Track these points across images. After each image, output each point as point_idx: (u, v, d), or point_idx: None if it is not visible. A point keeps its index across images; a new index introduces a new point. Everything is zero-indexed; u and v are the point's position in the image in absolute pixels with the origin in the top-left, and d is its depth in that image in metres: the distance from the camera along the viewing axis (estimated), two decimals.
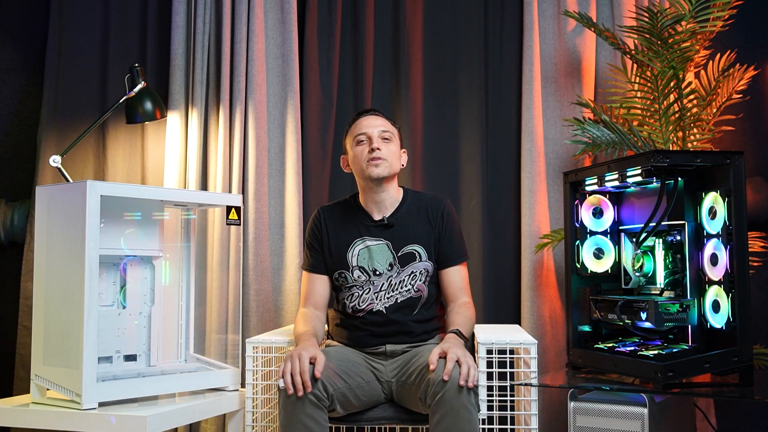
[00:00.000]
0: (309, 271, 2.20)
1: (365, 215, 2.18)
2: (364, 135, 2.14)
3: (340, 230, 2.17)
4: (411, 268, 2.13)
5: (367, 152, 2.11)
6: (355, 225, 2.17)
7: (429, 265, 2.15)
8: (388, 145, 2.14)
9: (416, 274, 2.13)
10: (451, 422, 1.77)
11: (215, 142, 2.80)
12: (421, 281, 2.13)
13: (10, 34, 3.12)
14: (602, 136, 2.52)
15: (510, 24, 2.89)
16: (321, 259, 2.19)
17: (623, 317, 1.97)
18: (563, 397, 2.28)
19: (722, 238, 1.86)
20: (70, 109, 2.93)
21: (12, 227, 2.96)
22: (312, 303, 2.18)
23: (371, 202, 2.18)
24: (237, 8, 2.80)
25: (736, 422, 2.70)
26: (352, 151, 2.17)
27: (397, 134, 2.20)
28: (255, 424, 2.13)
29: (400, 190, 2.23)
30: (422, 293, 2.14)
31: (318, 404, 1.84)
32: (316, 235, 2.20)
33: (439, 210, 2.18)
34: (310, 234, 2.22)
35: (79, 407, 1.84)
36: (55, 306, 1.95)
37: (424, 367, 1.90)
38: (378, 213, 2.18)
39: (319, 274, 2.19)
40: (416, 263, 2.13)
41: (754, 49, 2.79)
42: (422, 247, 2.14)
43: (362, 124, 2.16)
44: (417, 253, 2.14)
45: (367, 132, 2.13)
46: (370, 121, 2.16)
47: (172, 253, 2.27)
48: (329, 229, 2.18)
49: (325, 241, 2.18)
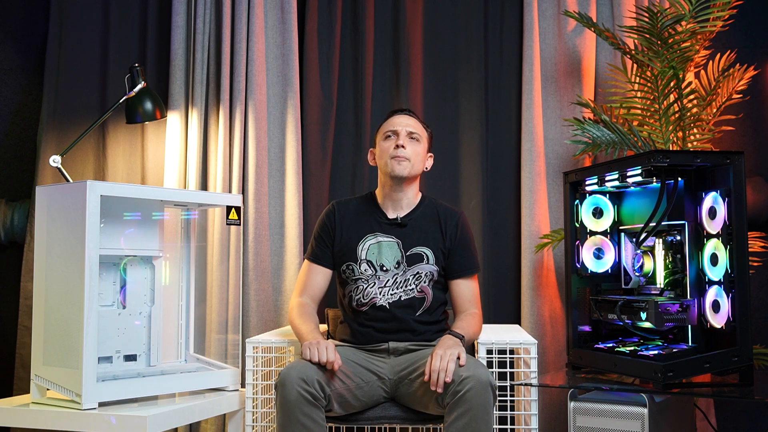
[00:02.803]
0: (312, 261, 2.21)
1: (380, 212, 2.20)
2: (393, 131, 2.16)
3: (353, 224, 2.19)
4: (417, 269, 2.13)
5: (393, 149, 2.13)
6: (368, 221, 2.19)
7: (435, 269, 2.15)
8: (414, 146, 2.15)
9: (422, 276, 2.13)
10: (468, 421, 1.77)
11: (215, 142, 2.80)
12: (426, 283, 2.14)
13: (10, 34, 3.12)
14: (602, 136, 2.52)
15: (510, 24, 2.89)
16: (327, 252, 2.19)
17: (623, 317, 1.97)
18: (563, 397, 2.28)
19: (722, 238, 1.86)
20: (70, 109, 2.93)
21: (12, 227, 2.96)
22: (309, 294, 2.19)
23: (389, 200, 2.20)
24: (237, 8, 2.80)
25: (736, 422, 2.70)
26: (379, 145, 2.20)
27: (426, 137, 2.22)
28: (255, 424, 2.13)
29: (419, 194, 2.24)
30: (426, 295, 2.14)
31: (315, 403, 1.84)
32: (327, 228, 2.21)
33: (454, 221, 2.19)
34: (321, 226, 2.22)
35: (79, 407, 1.84)
36: (55, 306, 1.95)
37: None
38: (393, 212, 2.19)
39: (322, 266, 2.19)
40: (423, 264, 2.14)
41: (754, 49, 2.79)
42: (430, 250, 2.15)
43: (394, 121, 2.19)
44: (425, 255, 2.14)
45: (397, 129, 2.16)
46: (402, 119, 2.19)
47: (172, 253, 2.27)
48: (342, 223, 2.19)
49: (337, 234, 2.18)
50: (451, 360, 1.84)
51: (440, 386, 1.82)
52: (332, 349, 1.92)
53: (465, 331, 2.03)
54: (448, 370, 1.82)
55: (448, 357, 1.84)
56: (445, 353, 1.86)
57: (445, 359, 1.84)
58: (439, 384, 1.82)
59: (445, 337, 1.99)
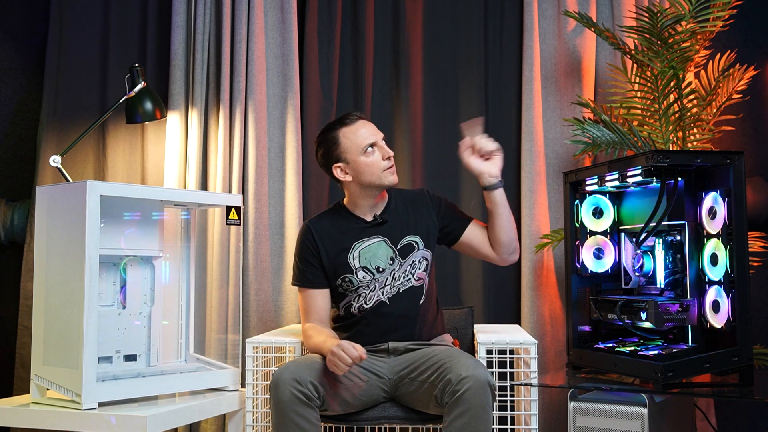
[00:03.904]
0: (307, 287, 2.15)
1: (358, 219, 2.16)
2: (371, 144, 2.10)
3: (335, 238, 2.14)
4: (411, 258, 2.13)
5: (383, 160, 2.10)
6: (349, 230, 2.15)
7: (428, 253, 2.15)
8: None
9: (416, 263, 2.13)
10: (468, 421, 1.77)
11: (215, 142, 2.80)
12: (421, 269, 2.14)
13: (10, 34, 3.13)
14: (602, 136, 2.52)
15: (510, 24, 2.88)
16: (318, 273, 2.14)
17: (623, 317, 1.97)
18: (563, 397, 2.28)
19: (722, 238, 1.86)
20: (70, 109, 2.93)
21: (12, 227, 2.97)
22: (316, 318, 2.14)
23: (365, 207, 2.16)
24: (237, 8, 2.80)
25: (736, 422, 2.70)
26: (360, 159, 2.09)
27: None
28: (255, 424, 2.13)
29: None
30: (423, 281, 2.14)
31: (308, 403, 1.84)
32: (310, 249, 2.15)
33: (425, 196, 2.22)
34: (303, 249, 2.16)
35: (79, 407, 1.84)
36: (55, 306, 1.95)
37: (441, 366, 1.89)
38: (370, 214, 2.17)
39: (319, 288, 2.15)
40: (415, 252, 2.14)
41: (754, 49, 2.79)
42: (418, 236, 2.15)
43: (363, 133, 2.10)
44: (415, 243, 2.14)
45: (376, 141, 2.11)
46: (369, 128, 2.13)
47: (172, 253, 2.27)
48: (323, 240, 2.14)
49: (322, 253, 2.13)
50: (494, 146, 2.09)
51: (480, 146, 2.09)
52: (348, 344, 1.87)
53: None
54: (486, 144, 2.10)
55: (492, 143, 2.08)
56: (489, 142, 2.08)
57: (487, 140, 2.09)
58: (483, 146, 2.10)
59: None
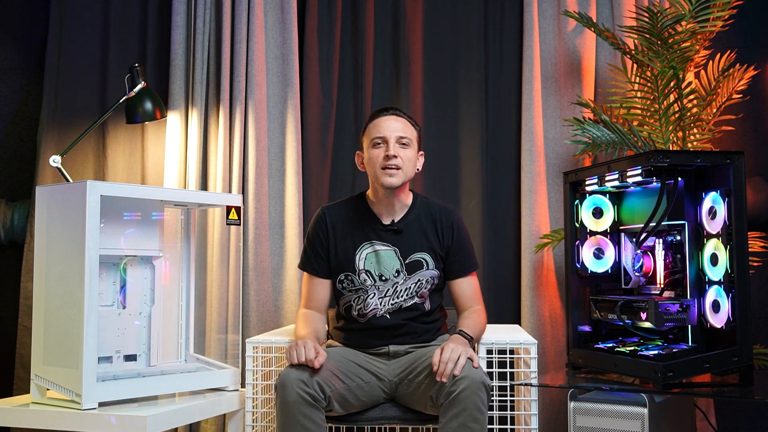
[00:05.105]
0: (312, 274, 2.15)
1: (374, 218, 2.12)
2: (382, 138, 2.04)
3: (347, 231, 2.11)
4: (418, 276, 2.09)
5: (383, 158, 2.03)
6: (363, 228, 2.11)
7: (436, 273, 2.11)
8: (405, 152, 2.05)
9: (422, 282, 2.10)
10: (463, 422, 1.77)
11: (215, 142, 2.80)
12: (426, 288, 2.11)
13: (10, 34, 3.13)
14: (602, 136, 2.52)
15: (510, 24, 2.89)
16: (324, 263, 2.13)
17: (623, 317, 1.97)
18: (563, 397, 2.28)
19: (722, 238, 1.86)
20: (70, 109, 2.93)
21: (12, 227, 2.97)
22: (314, 306, 2.16)
23: (381, 206, 2.12)
24: (237, 8, 2.80)
25: (736, 422, 2.70)
26: (367, 152, 2.08)
27: (416, 137, 2.10)
28: (255, 424, 2.13)
29: (410, 195, 2.16)
30: (425, 300, 2.12)
31: (315, 404, 1.83)
32: (320, 237, 2.13)
33: (449, 221, 2.13)
34: (314, 235, 2.14)
35: (79, 407, 1.84)
36: (55, 306, 1.95)
37: None
38: (387, 217, 2.12)
39: (322, 278, 2.14)
40: (423, 271, 2.10)
41: (754, 49, 2.79)
42: (429, 255, 2.10)
43: (381, 126, 2.06)
44: (425, 262, 2.10)
45: (385, 135, 2.03)
46: (390, 123, 2.06)
47: (172, 253, 2.27)
48: (336, 230, 2.11)
49: (331, 243, 2.11)
50: (463, 355, 1.82)
51: (446, 376, 1.79)
52: (311, 347, 1.87)
53: (473, 331, 2.01)
54: (459, 363, 1.80)
55: (459, 351, 1.83)
56: (456, 347, 1.84)
57: (456, 352, 1.82)
58: (446, 374, 1.79)
59: (456, 336, 1.97)
